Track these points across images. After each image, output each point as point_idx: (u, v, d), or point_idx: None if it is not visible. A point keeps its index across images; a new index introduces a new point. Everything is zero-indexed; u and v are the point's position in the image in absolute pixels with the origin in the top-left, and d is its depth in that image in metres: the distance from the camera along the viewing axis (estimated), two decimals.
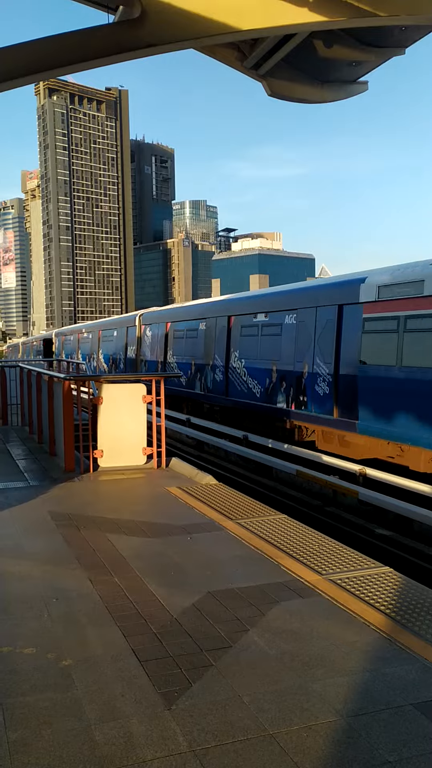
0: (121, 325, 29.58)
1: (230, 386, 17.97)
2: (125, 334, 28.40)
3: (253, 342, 16.85)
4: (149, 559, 5.40)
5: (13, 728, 3.05)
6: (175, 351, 22.44)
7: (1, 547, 5.78)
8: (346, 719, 3.11)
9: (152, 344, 24.79)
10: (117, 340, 29.77)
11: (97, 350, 33.18)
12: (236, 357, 17.65)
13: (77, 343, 38.40)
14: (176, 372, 21.47)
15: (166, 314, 24.28)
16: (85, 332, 37.07)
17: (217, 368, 18.73)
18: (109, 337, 31.40)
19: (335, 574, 4.99)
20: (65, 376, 9.66)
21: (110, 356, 30.75)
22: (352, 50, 13.73)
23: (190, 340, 21.04)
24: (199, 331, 20.38)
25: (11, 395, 14.72)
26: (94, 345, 33.80)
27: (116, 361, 29.54)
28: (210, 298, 24.54)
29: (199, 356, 20.06)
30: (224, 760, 2.80)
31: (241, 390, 17.36)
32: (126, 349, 28.12)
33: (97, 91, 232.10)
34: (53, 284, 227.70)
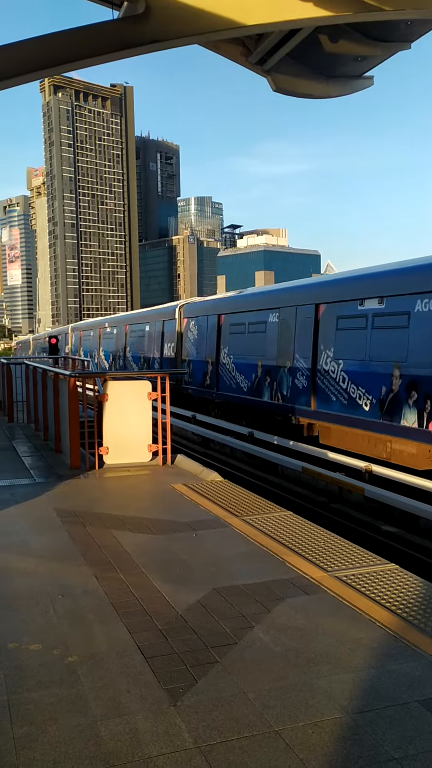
0: (156, 318, 25.39)
1: (319, 395, 13.73)
2: (161, 328, 24.31)
3: (359, 337, 12.73)
4: (154, 556, 5.41)
5: (19, 724, 3.05)
6: (233, 349, 18.14)
7: (7, 544, 5.80)
8: (352, 716, 3.10)
9: (198, 341, 20.69)
10: (150, 336, 25.68)
11: (124, 348, 29.14)
12: (328, 357, 13.44)
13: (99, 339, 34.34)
14: (234, 375, 17.78)
15: (220, 304, 19.98)
16: (109, 327, 32.82)
17: (298, 372, 14.50)
18: (139, 332, 27.27)
19: (341, 571, 4.99)
20: (70, 373, 9.67)
21: (141, 355, 26.72)
22: (358, 45, 13.68)
23: (256, 336, 16.79)
24: (269, 325, 16.08)
25: (17, 392, 14.76)
26: (120, 342, 29.84)
27: (149, 362, 25.53)
28: (285, 283, 18.55)
29: (270, 356, 15.84)
30: (229, 757, 2.80)
31: (338, 400, 13.10)
32: (162, 347, 24.07)
33: (103, 88, 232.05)
34: (59, 281, 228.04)
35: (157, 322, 24.86)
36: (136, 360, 27.42)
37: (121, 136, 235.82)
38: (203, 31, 10.24)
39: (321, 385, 13.72)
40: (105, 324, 34.10)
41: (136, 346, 27.47)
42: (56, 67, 10.50)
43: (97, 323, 37.11)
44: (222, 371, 18.71)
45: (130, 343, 28.41)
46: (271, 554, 5.39)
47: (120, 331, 30.12)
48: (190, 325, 21.59)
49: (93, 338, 35.57)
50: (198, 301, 22.87)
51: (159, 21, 10.04)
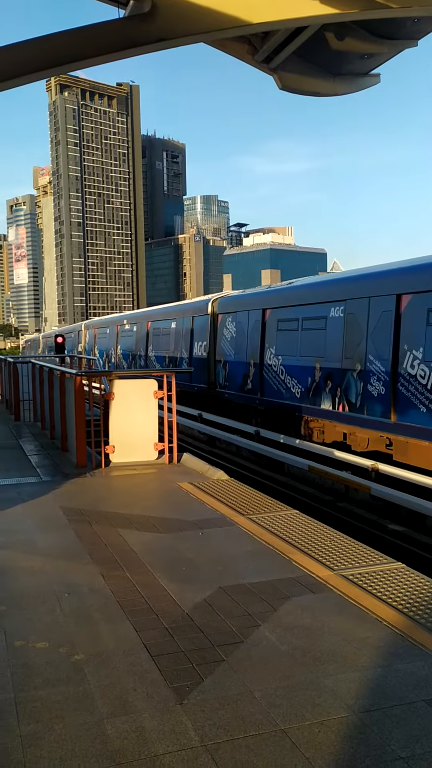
0: (183, 314, 23.12)
1: (402, 404, 11.47)
2: (189, 325, 22.01)
3: None
4: (161, 555, 5.41)
5: (25, 722, 3.06)
6: (282, 348, 15.71)
7: (14, 542, 5.81)
8: (358, 715, 3.10)
9: (236, 339, 18.39)
10: (177, 334, 23.31)
11: (146, 347, 26.68)
12: (416, 360, 11.11)
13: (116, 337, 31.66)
14: (283, 379, 15.51)
15: (264, 298, 17.54)
16: (128, 324, 30.20)
17: (372, 376, 12.22)
18: (164, 329, 24.95)
19: (347, 570, 4.98)
20: (77, 372, 9.69)
21: (166, 355, 24.26)
22: (364, 42, 13.65)
23: (313, 334, 14.39)
24: (331, 321, 13.65)
25: (23, 391, 14.79)
26: (141, 340, 27.37)
27: (176, 362, 23.23)
28: (353, 270, 16.08)
29: (332, 356, 13.45)
30: (236, 755, 2.80)
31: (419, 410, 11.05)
32: (191, 346, 21.71)
33: (109, 87, 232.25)
34: (65, 280, 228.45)
35: (185, 319, 22.53)
36: (160, 360, 24.81)
37: (127, 135, 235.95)
38: (209, 30, 10.23)
39: (405, 393, 11.40)
40: (123, 321, 31.30)
41: (160, 345, 25.00)
42: (62, 66, 10.52)
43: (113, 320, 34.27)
44: (268, 374, 16.33)
45: (153, 341, 26.01)
46: (278, 553, 5.39)
47: (141, 328, 27.66)
48: (226, 322, 19.20)
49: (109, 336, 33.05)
50: (235, 295, 20.28)
51: (165, 19, 10.04)
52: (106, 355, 33.03)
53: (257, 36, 13.23)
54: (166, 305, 29.93)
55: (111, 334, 32.54)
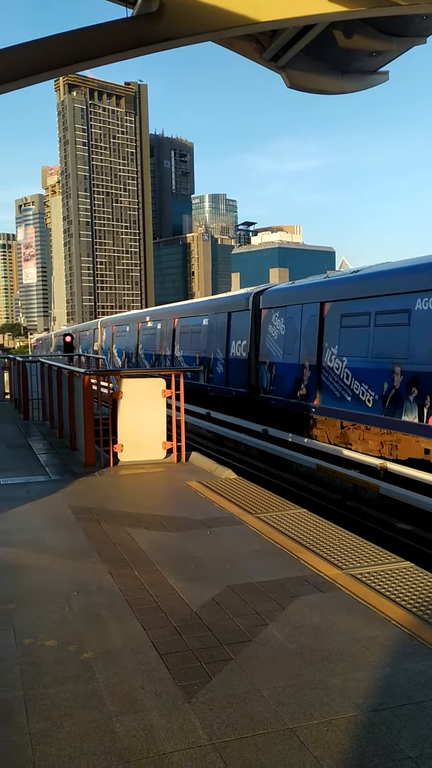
0: (218, 309, 20.51)
1: None
2: (225, 322, 19.57)
3: None
4: (169, 553, 5.42)
5: (35, 719, 3.08)
6: (346, 348, 13.53)
7: (23, 541, 5.84)
8: (367, 714, 3.09)
9: (286, 337, 15.95)
10: (210, 331, 20.75)
11: (172, 346, 24.22)
12: None
13: (137, 335, 29.26)
14: (349, 383, 13.32)
15: (322, 289, 15.15)
16: (151, 321, 27.66)
17: None
18: (194, 327, 22.33)
19: (355, 569, 4.97)
20: (85, 371, 9.71)
21: (196, 355, 21.76)
22: (373, 40, 13.61)
23: (391, 331, 12.16)
24: (416, 315, 11.46)
25: (32, 390, 14.83)
26: (167, 339, 24.87)
27: (209, 363, 20.48)
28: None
29: (421, 359, 11.34)
30: (244, 754, 2.81)
31: None
32: (228, 346, 19.18)
33: (117, 86, 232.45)
34: (73, 280, 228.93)
35: (221, 315, 20.03)
36: (190, 361, 22.53)
37: (135, 134, 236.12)
38: (217, 28, 10.23)
39: None
40: (146, 318, 28.74)
41: (190, 344, 22.63)
42: (71, 66, 10.54)
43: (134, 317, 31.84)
44: (327, 378, 14.14)
45: (180, 340, 23.57)
46: (286, 552, 5.39)
47: (166, 326, 25.23)
48: (272, 318, 16.66)
49: (129, 334, 30.64)
50: (283, 287, 17.58)
51: (173, 18, 10.04)
52: (125, 355, 31.06)
53: (265, 34, 13.21)
54: (196, 300, 27.33)
55: (131, 333, 30.31)
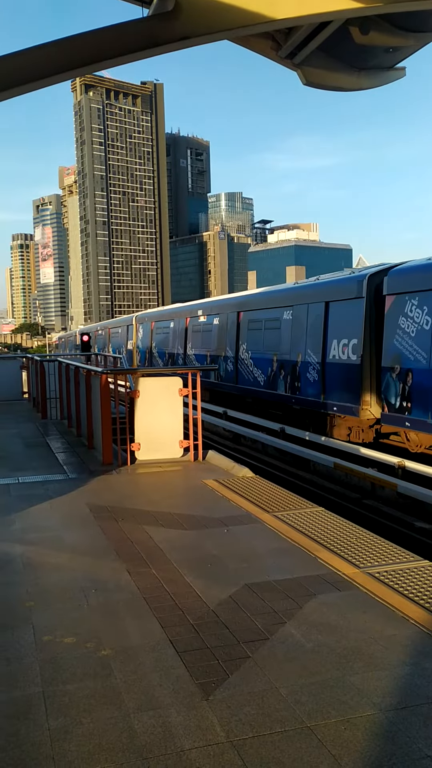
0: (308, 298, 16.04)
1: None
2: (321, 315, 15.06)
3: None
4: (186, 551, 5.44)
5: (54, 716, 3.10)
6: None
7: (42, 539, 5.88)
8: (385, 713, 3.08)
9: None
10: (296, 327, 16.32)
11: (236, 346, 19.96)
12: None
13: (185, 333, 24.96)
14: None
15: None
16: (204, 315, 23.41)
17: None
18: (269, 322, 17.99)
19: (373, 567, 4.95)
20: (102, 370, 9.76)
21: (274, 358, 17.31)
22: (389, 36, 13.51)
23: None
24: None
25: (50, 389, 14.93)
26: (228, 337, 20.62)
27: (295, 368, 16.09)
28: None
29: None
30: (262, 752, 2.81)
31: None
32: (324, 346, 14.78)
33: (133, 86, 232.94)
34: (91, 279, 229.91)
35: (313, 306, 15.59)
36: (263, 365, 17.97)
37: (152, 134, 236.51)
38: (232, 27, 10.20)
39: None
40: (197, 311, 24.31)
41: (263, 343, 18.25)
42: (87, 67, 10.57)
43: (180, 311, 27.06)
44: None
45: (248, 339, 19.28)
46: (303, 550, 5.38)
47: (227, 320, 20.92)
48: (409, 307, 12.46)
49: (175, 332, 26.24)
50: (424, 264, 12.80)
51: (188, 17, 10.04)
52: (168, 356, 26.84)
53: (281, 32, 13.16)
54: (270, 288, 21.04)
55: (177, 329, 25.99)
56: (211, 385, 21.88)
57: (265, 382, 17.93)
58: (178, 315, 26.69)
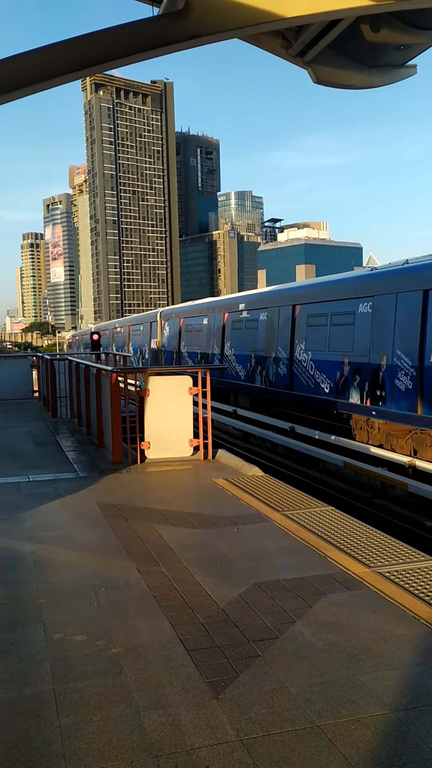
0: (396, 286, 13.07)
1: None
2: (417, 308, 12.19)
3: None
4: (196, 550, 5.44)
5: (64, 713, 3.12)
6: None
7: (52, 537, 5.91)
8: (395, 713, 3.08)
9: None
10: (378, 323, 13.32)
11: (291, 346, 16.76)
12: None
13: (222, 332, 21.74)
14: None
15: None
16: (246, 311, 20.19)
17: None
18: (338, 318, 14.97)
19: (383, 567, 4.94)
20: (112, 369, 9.78)
21: (347, 361, 14.35)
22: (401, 33, 13.45)
23: None
24: None
25: (60, 388, 14.98)
26: (282, 336, 17.31)
27: (379, 374, 13.11)
28: None
29: None
30: (272, 750, 2.81)
31: None
32: (423, 345, 11.96)
33: (143, 85, 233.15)
34: (101, 278, 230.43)
35: (404, 296, 12.59)
36: (330, 370, 15.00)
37: (162, 132, 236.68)
38: (243, 25, 10.18)
39: None
40: (238, 305, 20.94)
41: (328, 343, 15.24)
42: (97, 66, 10.58)
43: (215, 305, 23.53)
44: None
45: (308, 338, 16.08)
46: (313, 549, 5.37)
47: (278, 315, 17.60)
48: None
49: (209, 329, 22.92)
50: None
51: (198, 16, 10.03)
52: (201, 357, 23.62)
53: (291, 30, 13.13)
54: (341, 276, 17.34)
55: (212, 326, 22.65)
56: (255, 390, 19.13)
57: (332, 390, 14.85)
58: (214, 310, 23.10)
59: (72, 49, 10.24)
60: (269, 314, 18.63)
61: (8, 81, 9.92)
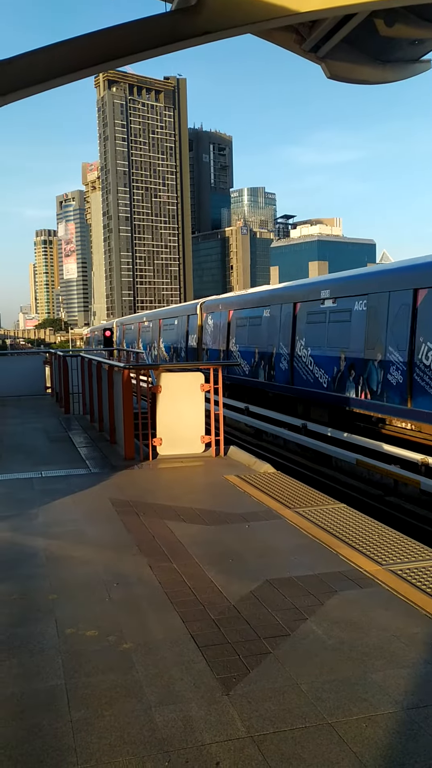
0: None
1: None
2: None
3: None
4: (207, 547, 5.44)
5: (76, 707, 3.13)
6: None
7: (65, 533, 5.93)
8: (407, 711, 3.06)
9: None
10: None
11: (408, 346, 12.35)
12: None
13: (291, 324, 17.20)
14: None
15: None
16: (332, 298, 15.47)
17: None
18: None
19: (395, 565, 4.92)
20: (124, 366, 9.80)
21: None
22: (415, 28, 13.35)
23: None
24: None
25: (73, 384, 15.03)
26: (391, 331, 12.94)
27: None
28: None
29: None
30: (282, 747, 2.81)
31: None
32: None
33: (156, 81, 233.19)
34: (113, 274, 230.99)
35: None
36: None
37: (174, 129, 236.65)
38: (256, 20, 10.15)
39: None
40: (319, 292, 16.01)
41: None
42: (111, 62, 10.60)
43: (283, 292, 18.74)
44: None
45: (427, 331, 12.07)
46: (325, 546, 5.36)
47: (387, 304, 13.16)
48: None
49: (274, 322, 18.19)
50: None
51: (211, 11, 10.01)
52: (260, 357, 19.12)
53: (305, 25, 13.07)
54: None
55: (279, 319, 17.88)
56: (351, 403, 14.34)
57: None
58: (281, 299, 18.21)
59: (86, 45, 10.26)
60: (370, 303, 13.75)
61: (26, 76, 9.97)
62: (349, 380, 14.42)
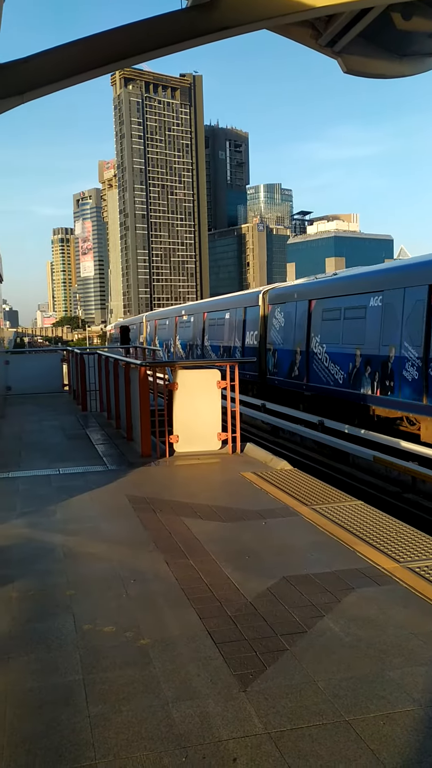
0: None
1: None
2: None
3: None
4: (224, 544, 5.45)
5: (93, 703, 3.15)
6: None
7: (82, 529, 5.96)
8: (425, 709, 3.05)
9: None
10: None
11: None
12: None
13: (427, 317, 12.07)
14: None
15: None
16: None
17: None
18: None
19: (413, 562, 4.89)
20: (141, 363, 9.82)
21: None
22: None
23: None
24: None
25: (90, 382, 15.10)
26: None
27: None
28: None
29: None
30: (299, 744, 2.80)
31: None
32: None
33: (172, 78, 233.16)
34: (130, 272, 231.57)
35: None
36: None
37: (191, 126, 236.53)
38: (272, 15, 10.11)
39: None
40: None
41: None
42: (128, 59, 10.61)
43: (391, 273, 14.39)
44: None
45: None
46: (342, 544, 5.34)
47: None
48: None
49: (389, 315, 13.48)
50: None
51: (228, 7, 9.99)
52: (365, 362, 14.54)
53: (321, 20, 12.99)
54: None
55: (396, 310, 13.30)
56: None
57: None
58: (405, 279, 13.27)
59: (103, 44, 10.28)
60: None
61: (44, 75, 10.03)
62: None
